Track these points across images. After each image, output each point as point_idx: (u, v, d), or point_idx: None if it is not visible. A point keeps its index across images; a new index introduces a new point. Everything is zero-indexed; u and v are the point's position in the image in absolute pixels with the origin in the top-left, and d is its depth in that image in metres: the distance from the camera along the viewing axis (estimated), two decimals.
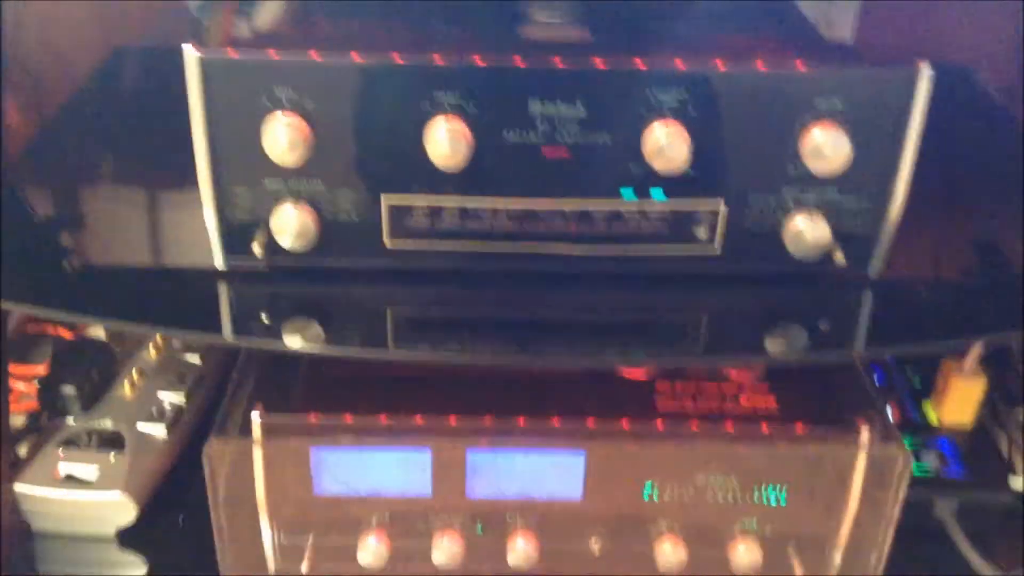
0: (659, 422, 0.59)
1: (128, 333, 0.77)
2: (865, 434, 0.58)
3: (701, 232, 0.55)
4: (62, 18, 0.91)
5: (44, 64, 0.91)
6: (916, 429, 0.73)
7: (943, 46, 0.88)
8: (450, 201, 0.54)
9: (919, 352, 0.54)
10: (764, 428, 0.59)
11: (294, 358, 0.64)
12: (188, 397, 0.74)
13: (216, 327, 0.52)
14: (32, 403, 0.76)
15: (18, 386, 0.78)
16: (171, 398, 0.74)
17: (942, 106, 0.52)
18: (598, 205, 0.54)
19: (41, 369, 0.78)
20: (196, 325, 0.53)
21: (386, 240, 0.56)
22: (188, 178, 0.54)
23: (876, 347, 0.54)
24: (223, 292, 0.55)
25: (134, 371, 0.76)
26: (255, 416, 0.57)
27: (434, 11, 0.63)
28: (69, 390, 0.72)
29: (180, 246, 0.62)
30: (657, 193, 0.54)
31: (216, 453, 0.56)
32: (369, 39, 0.57)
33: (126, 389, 0.74)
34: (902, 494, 0.59)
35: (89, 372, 0.75)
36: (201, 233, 0.55)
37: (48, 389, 0.73)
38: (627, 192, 0.54)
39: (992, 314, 0.56)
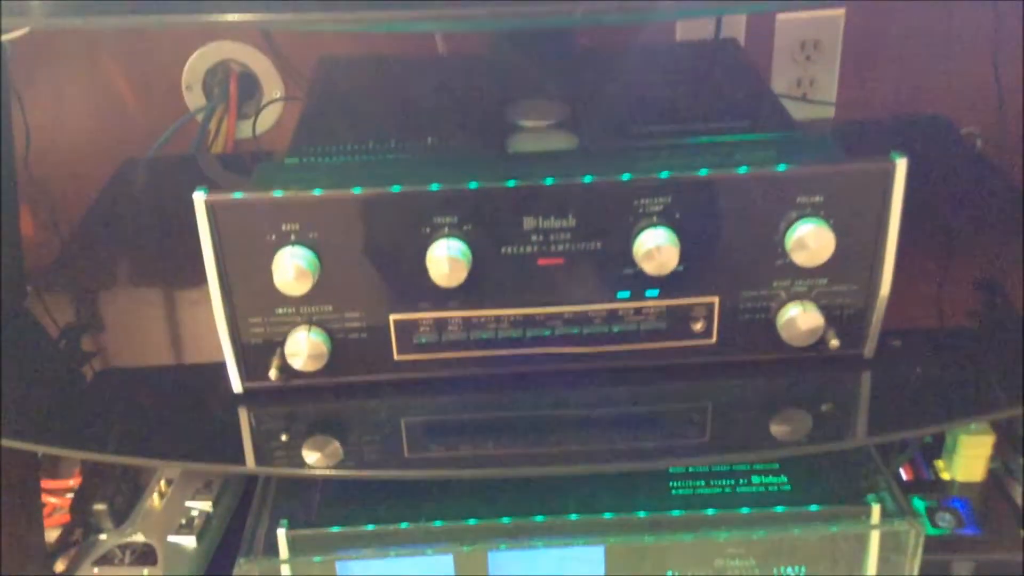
0: (675, 512, 0.60)
1: None
2: (876, 512, 0.59)
3: (697, 326, 0.57)
4: (71, 131, 0.95)
5: (57, 177, 0.95)
6: (930, 488, 0.74)
7: (921, 95, 0.91)
8: (453, 314, 0.57)
9: (923, 434, 0.55)
10: (778, 511, 0.60)
11: None
12: (215, 503, 0.76)
13: (238, 457, 0.54)
14: (65, 516, 0.78)
15: (50, 500, 0.80)
16: (199, 506, 0.76)
17: (921, 159, 0.54)
18: (594, 308, 0.56)
19: (72, 482, 0.81)
20: (218, 457, 0.55)
21: (395, 354, 0.58)
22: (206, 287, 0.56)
23: (879, 433, 0.55)
24: (242, 418, 0.57)
25: (162, 481, 0.78)
26: (281, 533, 0.59)
27: (424, 123, 0.65)
28: (101, 507, 0.74)
29: (200, 358, 0.64)
30: (651, 293, 0.56)
31: (246, 573, 0.57)
32: (365, 162, 0.60)
33: (155, 500, 0.76)
34: (918, 563, 0.60)
35: (120, 485, 0.77)
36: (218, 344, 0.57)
37: (80, 502, 0.76)
38: (623, 294, 0.56)
39: (992, 386, 0.57)
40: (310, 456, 0.55)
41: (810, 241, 0.53)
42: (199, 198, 0.52)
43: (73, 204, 0.90)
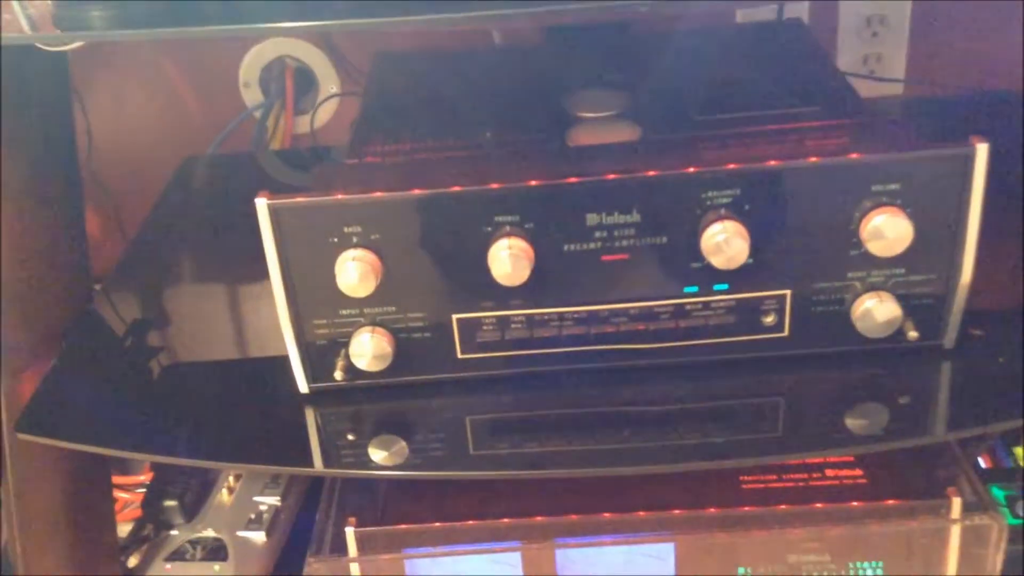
0: (746, 507, 0.59)
1: None
2: (957, 506, 0.57)
3: (768, 319, 0.56)
4: (132, 131, 0.96)
5: (119, 176, 0.96)
6: (1010, 476, 0.71)
7: (991, 68, 0.87)
8: (517, 312, 0.56)
9: (1005, 428, 0.53)
10: (853, 505, 0.58)
11: None
12: (283, 498, 0.77)
13: (306, 459, 0.55)
14: (136, 512, 0.80)
15: (122, 496, 0.82)
16: (267, 501, 0.77)
17: (994, 136, 0.51)
18: (661, 304, 0.55)
19: (143, 478, 0.82)
20: (285, 459, 0.55)
21: (458, 353, 0.57)
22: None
23: (959, 427, 0.53)
24: (309, 419, 0.58)
25: (231, 477, 0.79)
26: (349, 532, 0.59)
27: (483, 117, 0.65)
28: (171, 503, 0.75)
29: (265, 351, 0.64)
30: (720, 287, 0.55)
31: (315, 572, 0.58)
32: (425, 160, 0.59)
33: (224, 496, 0.78)
34: (1001, 558, 0.58)
35: (189, 481, 0.78)
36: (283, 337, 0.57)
37: (151, 498, 0.77)
38: (690, 289, 0.55)
39: None
40: (376, 456, 0.55)
41: (887, 231, 0.51)
42: (261, 203, 0.52)
43: (136, 203, 0.91)
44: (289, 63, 0.92)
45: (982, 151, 0.50)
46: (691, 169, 0.52)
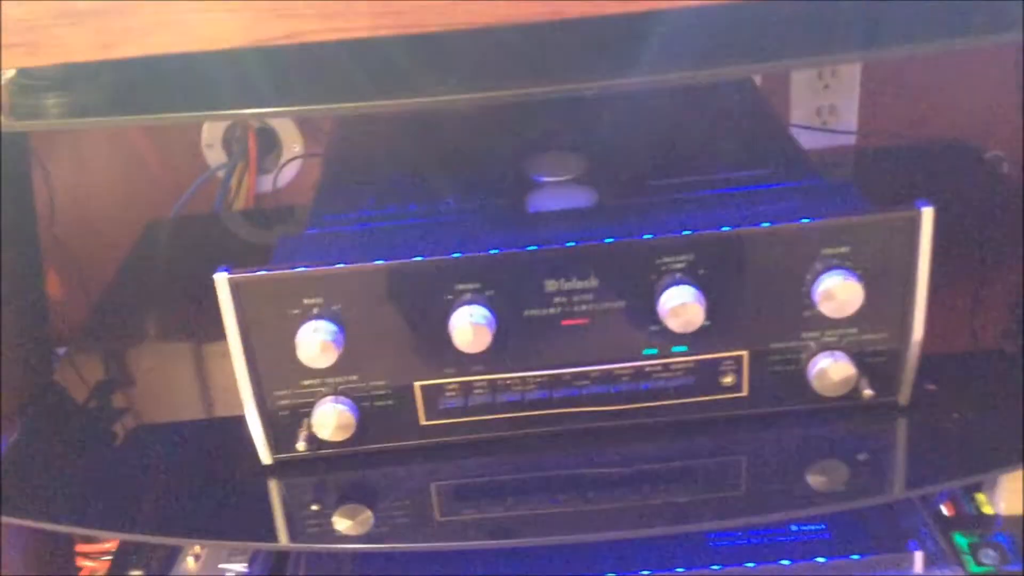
0: (715, 566, 0.59)
1: None
2: (919, 560, 0.58)
3: (727, 380, 0.56)
4: (95, 194, 0.96)
5: (82, 240, 0.96)
6: (972, 523, 0.72)
7: (943, 119, 0.90)
8: (479, 378, 0.56)
9: (964, 483, 0.54)
10: (819, 562, 0.59)
11: None
12: (250, 564, 0.76)
13: (270, 532, 0.54)
14: None
15: (86, 564, 0.81)
16: (234, 568, 0.76)
17: (946, 187, 0.52)
18: (621, 366, 0.56)
19: (109, 545, 0.81)
20: (250, 533, 0.55)
21: (422, 420, 0.57)
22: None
23: (919, 484, 0.54)
24: (272, 490, 0.57)
25: (196, 544, 0.78)
26: None
27: (443, 182, 0.65)
28: (137, 572, 0.74)
29: (229, 411, 0.64)
30: (678, 349, 0.56)
31: None
32: (386, 228, 0.60)
33: (190, 563, 0.76)
34: None
35: (155, 549, 0.77)
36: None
37: (118, 566, 0.76)
38: (650, 352, 0.56)
39: None
40: (342, 526, 0.55)
41: (838, 293, 0.52)
42: (221, 278, 0.53)
43: (100, 266, 0.91)
44: (252, 123, 0.93)
45: (927, 215, 0.52)
46: (646, 236, 0.53)
